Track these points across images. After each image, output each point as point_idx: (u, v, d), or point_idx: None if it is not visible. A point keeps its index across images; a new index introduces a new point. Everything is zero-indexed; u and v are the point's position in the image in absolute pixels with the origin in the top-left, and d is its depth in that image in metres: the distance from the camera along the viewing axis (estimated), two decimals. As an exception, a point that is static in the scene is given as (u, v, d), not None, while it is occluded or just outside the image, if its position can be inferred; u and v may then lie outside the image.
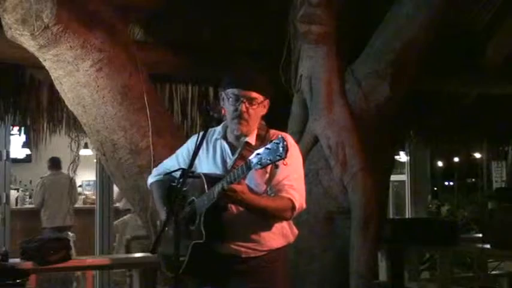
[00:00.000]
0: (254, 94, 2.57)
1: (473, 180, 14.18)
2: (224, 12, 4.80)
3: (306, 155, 4.23)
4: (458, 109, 6.03)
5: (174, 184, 2.79)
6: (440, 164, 13.03)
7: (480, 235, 6.14)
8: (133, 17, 4.63)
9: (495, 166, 11.02)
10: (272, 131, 2.67)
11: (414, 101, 5.04)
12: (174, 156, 2.91)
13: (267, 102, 2.64)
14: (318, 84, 4.11)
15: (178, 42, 4.78)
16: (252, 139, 2.62)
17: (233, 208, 2.53)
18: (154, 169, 3.01)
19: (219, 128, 2.71)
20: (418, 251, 6.22)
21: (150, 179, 2.97)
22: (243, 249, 2.59)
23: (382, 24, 4.29)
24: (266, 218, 2.57)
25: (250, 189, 2.46)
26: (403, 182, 8.43)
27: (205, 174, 2.57)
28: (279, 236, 2.65)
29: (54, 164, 7.94)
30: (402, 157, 8.49)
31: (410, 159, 8.22)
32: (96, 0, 3.74)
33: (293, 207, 2.55)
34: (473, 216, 9.85)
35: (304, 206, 2.62)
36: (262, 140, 2.60)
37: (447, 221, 8.98)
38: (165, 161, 2.98)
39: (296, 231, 2.75)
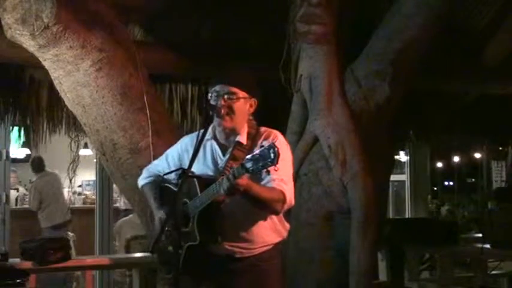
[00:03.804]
0: (234, 89, 2.60)
1: (473, 180, 14.20)
2: (224, 12, 4.80)
3: (306, 155, 4.24)
4: (458, 109, 6.03)
5: (166, 185, 2.80)
6: (440, 164, 13.05)
7: (480, 235, 6.14)
8: (133, 17, 4.63)
9: (495, 166, 11.04)
10: (263, 129, 2.69)
11: (414, 101, 5.04)
12: (163, 157, 2.93)
13: (253, 102, 2.66)
14: (317, 84, 4.11)
15: (178, 42, 4.78)
16: (243, 138, 2.63)
17: (225, 209, 2.53)
18: (144, 170, 3.02)
19: (208, 129, 2.72)
20: (418, 251, 6.21)
21: (141, 181, 2.98)
22: (236, 249, 2.61)
23: (382, 24, 4.29)
24: (259, 208, 2.56)
25: None
26: (403, 182, 8.44)
27: (198, 177, 2.58)
28: (271, 231, 2.67)
29: (39, 165, 7.93)
30: (402, 157, 8.49)
31: (410, 159, 8.22)
32: (96, 0, 3.74)
33: (284, 201, 2.55)
34: (473, 216, 9.86)
35: (293, 202, 2.63)
36: (253, 138, 2.62)
37: (447, 221, 9.00)
38: (154, 162, 3.02)
39: (288, 225, 2.76)
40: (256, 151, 2.24)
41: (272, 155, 2.18)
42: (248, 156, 2.25)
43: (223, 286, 2.66)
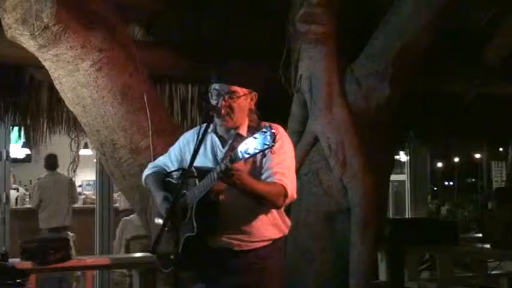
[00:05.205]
0: (234, 88, 2.59)
1: (473, 180, 14.22)
2: (224, 12, 4.80)
3: (306, 155, 4.23)
4: (458, 109, 6.03)
5: (169, 179, 2.80)
6: (440, 164, 13.06)
7: (480, 235, 6.15)
8: (133, 17, 4.63)
9: (495, 166, 11.05)
10: (264, 123, 2.66)
11: (414, 101, 5.04)
12: (167, 153, 2.94)
13: (253, 95, 2.65)
14: (318, 84, 4.11)
15: (178, 42, 4.78)
16: (243, 131, 2.63)
17: (224, 200, 2.52)
18: (150, 164, 3.04)
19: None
20: (418, 251, 6.21)
21: (145, 173, 2.98)
22: (235, 241, 2.59)
23: (382, 24, 4.29)
24: (259, 202, 2.55)
25: None
26: (403, 182, 8.44)
27: (196, 168, 2.55)
28: (270, 226, 2.65)
29: (51, 163, 7.85)
30: (402, 157, 8.50)
31: (410, 159, 8.23)
32: (96, 0, 3.74)
33: (285, 195, 2.54)
34: (473, 216, 9.87)
35: (295, 196, 2.61)
36: (253, 131, 2.58)
37: (447, 221, 9.01)
38: (159, 158, 3.02)
39: (289, 222, 2.75)
40: (254, 135, 2.22)
41: (269, 137, 2.17)
42: (245, 141, 2.24)
43: (222, 285, 2.65)
